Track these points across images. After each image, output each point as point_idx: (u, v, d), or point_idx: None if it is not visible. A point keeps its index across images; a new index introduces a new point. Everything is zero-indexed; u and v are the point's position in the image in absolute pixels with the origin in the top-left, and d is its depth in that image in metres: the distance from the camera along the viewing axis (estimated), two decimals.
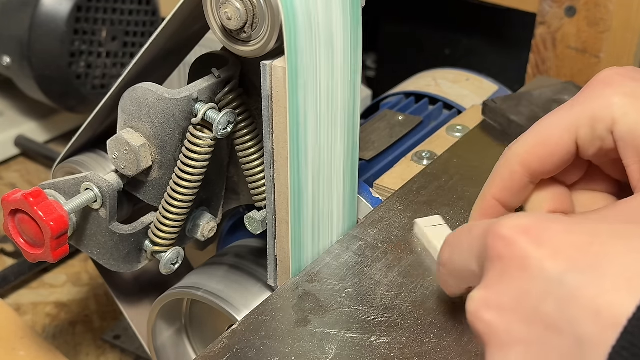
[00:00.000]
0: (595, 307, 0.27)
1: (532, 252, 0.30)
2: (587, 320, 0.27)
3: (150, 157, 0.50)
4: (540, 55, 0.82)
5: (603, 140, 0.38)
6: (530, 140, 0.41)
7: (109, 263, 0.54)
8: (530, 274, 0.30)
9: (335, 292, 0.45)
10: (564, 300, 0.28)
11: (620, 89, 0.38)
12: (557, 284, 0.28)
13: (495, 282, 0.31)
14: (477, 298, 0.32)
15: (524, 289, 0.30)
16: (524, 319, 0.29)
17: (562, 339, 0.28)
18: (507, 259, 0.31)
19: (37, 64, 0.94)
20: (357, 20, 0.47)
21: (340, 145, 0.49)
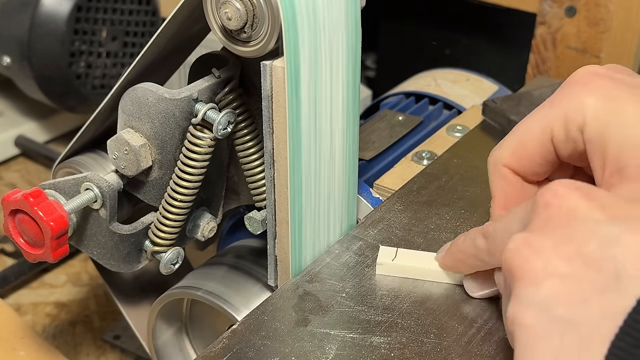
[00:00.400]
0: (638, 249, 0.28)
1: (581, 203, 0.31)
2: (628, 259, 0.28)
3: (150, 157, 0.50)
4: (540, 55, 0.82)
5: (576, 142, 0.38)
6: (511, 143, 0.41)
7: (109, 263, 0.54)
8: (576, 221, 0.31)
9: (335, 292, 0.45)
10: (607, 242, 0.29)
11: (594, 90, 0.38)
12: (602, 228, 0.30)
13: (539, 227, 0.32)
14: (519, 238, 0.32)
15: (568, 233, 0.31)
16: (564, 256, 0.30)
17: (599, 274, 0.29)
18: (555, 207, 0.32)
19: (37, 64, 0.94)
20: (357, 20, 0.47)
21: (340, 145, 0.49)
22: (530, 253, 0.31)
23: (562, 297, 0.29)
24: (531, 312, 0.30)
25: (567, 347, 0.28)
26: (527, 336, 0.30)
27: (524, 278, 0.31)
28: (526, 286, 0.31)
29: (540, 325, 0.30)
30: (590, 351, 0.27)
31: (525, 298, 0.31)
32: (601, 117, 0.37)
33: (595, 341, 0.27)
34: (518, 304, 0.31)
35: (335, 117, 0.48)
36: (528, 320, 0.30)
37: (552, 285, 0.30)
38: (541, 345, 0.29)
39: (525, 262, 0.31)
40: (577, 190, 0.32)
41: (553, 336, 0.29)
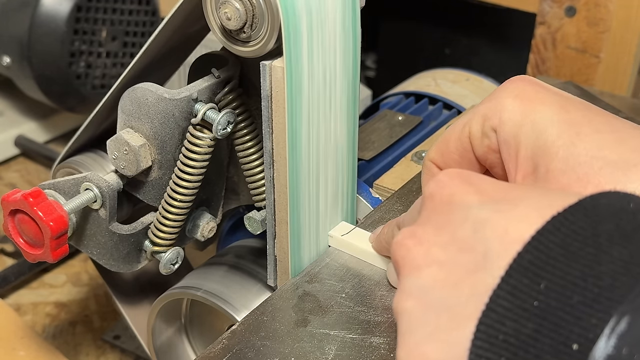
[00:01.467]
0: (504, 227, 0.29)
1: (459, 189, 0.32)
2: (494, 236, 0.29)
3: (150, 157, 0.50)
4: (540, 55, 0.82)
5: (490, 140, 0.40)
6: (438, 141, 0.43)
7: (108, 263, 0.54)
8: (454, 206, 0.32)
9: (335, 293, 0.45)
10: (478, 224, 0.30)
11: (514, 92, 0.39)
12: (475, 212, 0.31)
13: (425, 218, 0.33)
14: (405, 230, 0.33)
15: (446, 220, 0.32)
16: (442, 244, 0.31)
17: (470, 256, 0.30)
18: (437, 196, 0.33)
19: (37, 64, 0.94)
20: (356, 20, 0.47)
21: (339, 145, 0.49)
22: (414, 243, 0.32)
23: (438, 281, 0.30)
24: (411, 298, 0.31)
25: (441, 328, 0.29)
26: (405, 321, 0.31)
27: (406, 267, 0.32)
28: (408, 275, 0.32)
29: (418, 310, 0.30)
30: (461, 329, 0.28)
31: (406, 285, 0.32)
32: (516, 118, 0.38)
33: (464, 320, 0.28)
34: (401, 292, 0.32)
35: (335, 117, 0.48)
36: (408, 305, 0.31)
37: (431, 271, 0.31)
38: (418, 329, 0.30)
39: (408, 252, 0.32)
40: (457, 177, 0.33)
41: (429, 320, 0.30)
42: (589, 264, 0.26)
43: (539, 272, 0.27)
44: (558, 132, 0.37)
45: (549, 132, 0.37)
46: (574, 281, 0.26)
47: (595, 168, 0.36)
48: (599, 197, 0.29)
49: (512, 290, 0.27)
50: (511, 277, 0.27)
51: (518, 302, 0.27)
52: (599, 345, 0.25)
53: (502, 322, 0.27)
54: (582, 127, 0.37)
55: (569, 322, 0.26)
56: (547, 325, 0.26)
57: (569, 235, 0.27)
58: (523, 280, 0.27)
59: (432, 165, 0.44)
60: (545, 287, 0.27)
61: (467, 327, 0.28)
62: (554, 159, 0.37)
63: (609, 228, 0.27)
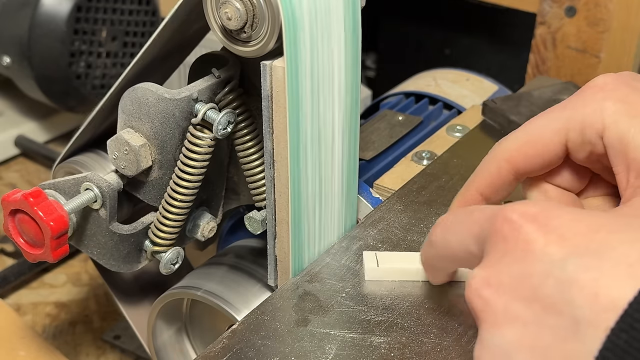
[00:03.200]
0: (594, 289, 0.27)
1: (537, 237, 0.30)
2: (585, 302, 0.27)
3: (150, 157, 0.50)
4: (540, 55, 0.82)
5: (593, 146, 0.38)
6: (520, 138, 0.41)
7: (109, 263, 0.54)
8: (533, 256, 0.30)
9: (335, 292, 0.45)
10: (563, 283, 0.28)
11: (613, 95, 0.38)
12: (558, 266, 0.29)
13: (497, 262, 0.32)
14: (478, 276, 0.32)
15: (525, 270, 0.30)
16: (523, 299, 0.30)
17: (559, 320, 0.28)
18: (512, 241, 0.31)
19: (37, 64, 0.94)
20: (357, 21, 0.47)
21: (340, 145, 0.49)
22: (491, 294, 0.31)
23: (524, 344, 0.29)
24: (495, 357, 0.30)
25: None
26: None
27: (487, 322, 0.31)
28: (488, 329, 0.31)
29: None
30: None
31: (488, 342, 0.30)
32: (621, 121, 0.37)
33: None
34: (481, 346, 0.31)
35: (335, 117, 0.48)
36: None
37: (514, 332, 0.30)
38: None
39: (486, 305, 0.31)
40: (532, 220, 0.31)
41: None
42: None
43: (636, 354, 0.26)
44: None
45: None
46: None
47: None
48: None
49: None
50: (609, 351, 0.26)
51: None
52: None
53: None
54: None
55: None
56: None
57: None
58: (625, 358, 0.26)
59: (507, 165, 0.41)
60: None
61: None
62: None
63: None
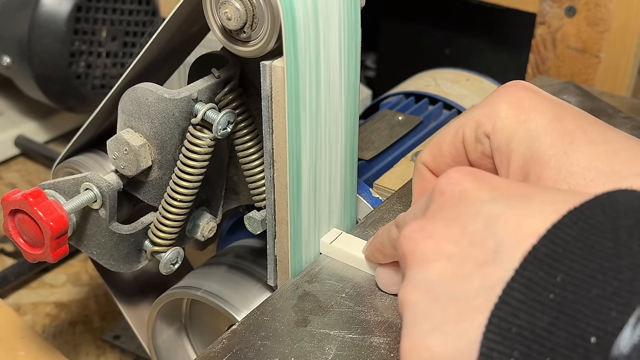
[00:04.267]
0: (516, 222, 0.29)
1: (472, 186, 0.32)
2: (507, 232, 0.29)
3: (150, 157, 0.50)
4: (540, 55, 0.82)
5: (484, 146, 0.40)
6: (431, 144, 0.43)
7: (108, 263, 0.54)
8: (465, 202, 0.32)
9: (335, 293, 0.45)
10: (490, 218, 0.30)
11: (508, 99, 0.39)
12: (487, 206, 0.31)
13: (434, 213, 0.33)
14: (413, 223, 0.33)
15: (457, 215, 0.31)
16: (452, 237, 0.31)
17: (481, 250, 0.29)
18: (448, 192, 0.33)
19: (37, 64, 0.94)
20: (356, 20, 0.47)
21: (340, 145, 0.49)
22: (422, 236, 0.32)
23: (447, 275, 0.30)
24: (418, 291, 0.31)
25: (447, 320, 0.29)
26: (411, 313, 0.31)
27: (415, 260, 0.32)
28: (416, 267, 0.32)
29: (425, 302, 0.30)
30: (469, 322, 0.28)
31: (414, 279, 0.31)
32: (509, 126, 0.38)
33: (473, 312, 0.28)
34: (407, 285, 0.32)
35: (335, 117, 0.48)
36: (414, 298, 0.31)
37: (440, 265, 0.31)
38: (423, 321, 0.30)
39: (417, 245, 0.32)
40: (469, 174, 0.33)
41: (435, 312, 0.30)
42: (608, 258, 0.26)
43: (555, 265, 0.27)
44: (551, 141, 0.37)
45: (541, 140, 0.37)
46: (592, 274, 0.26)
47: (587, 179, 0.36)
48: (616, 194, 0.29)
49: (527, 283, 0.27)
50: (526, 270, 0.27)
51: (533, 295, 0.27)
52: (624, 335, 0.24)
53: (515, 315, 0.27)
54: (576, 137, 0.37)
55: (586, 315, 0.25)
56: (564, 319, 0.26)
57: (586, 229, 0.27)
58: (538, 273, 0.27)
59: (425, 168, 0.43)
60: (562, 280, 0.26)
61: (476, 319, 0.28)
62: (545, 168, 0.37)
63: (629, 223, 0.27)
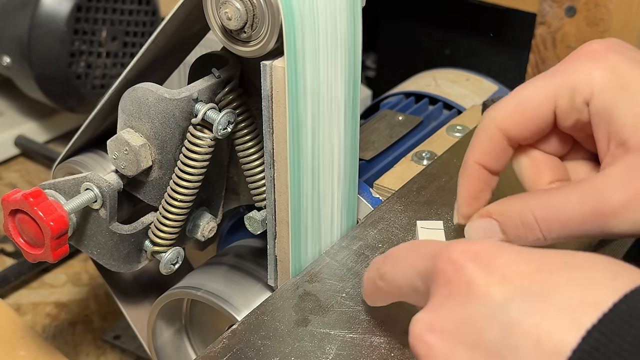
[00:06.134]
0: (536, 335, 0.27)
1: (480, 278, 0.30)
2: (528, 349, 0.27)
3: (150, 157, 0.50)
4: (540, 55, 0.82)
5: (580, 113, 0.39)
6: (509, 105, 0.41)
7: (109, 263, 0.54)
8: (475, 299, 0.29)
9: (335, 292, 0.45)
10: (506, 327, 0.28)
11: (603, 64, 0.38)
12: (501, 310, 0.28)
13: (440, 306, 0.31)
14: (421, 320, 0.31)
15: (469, 315, 0.29)
16: (467, 344, 0.29)
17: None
18: (454, 283, 0.30)
19: (37, 64, 0.94)
20: (357, 20, 0.47)
21: (340, 145, 0.49)
22: (435, 340, 0.30)
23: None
24: None
25: None
26: None
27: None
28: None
29: None
30: None
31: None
32: (608, 91, 0.37)
33: None
34: None
35: (335, 117, 0.48)
36: None
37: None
38: None
39: (429, 350, 0.30)
40: (474, 260, 0.30)
41: None
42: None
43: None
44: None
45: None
46: None
47: None
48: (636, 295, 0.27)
49: None
50: None
51: None
52: None
53: None
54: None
55: None
56: None
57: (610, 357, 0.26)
58: None
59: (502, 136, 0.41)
60: None
61: None
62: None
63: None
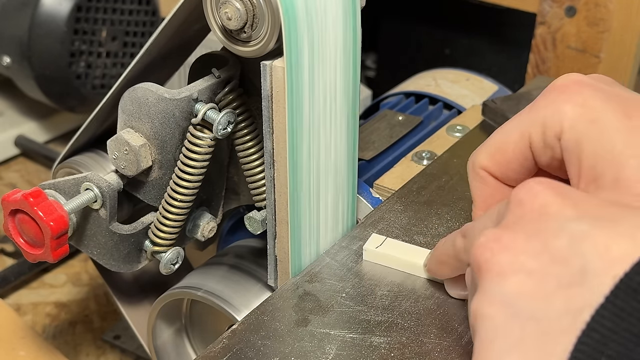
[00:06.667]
0: (605, 244, 0.28)
1: (554, 201, 0.31)
2: (595, 254, 0.28)
3: (150, 157, 0.50)
4: (540, 55, 0.82)
5: (553, 150, 0.38)
6: (489, 148, 0.41)
7: (109, 263, 0.54)
8: (547, 217, 0.30)
9: (335, 292, 0.45)
10: (576, 237, 0.29)
11: (573, 98, 0.38)
12: (572, 224, 0.29)
13: (512, 223, 0.32)
14: (490, 232, 0.32)
15: (538, 229, 0.30)
16: (532, 252, 0.30)
17: (565, 269, 0.28)
18: (528, 204, 0.32)
19: (37, 64, 0.94)
20: (356, 20, 0.47)
21: (340, 145, 0.49)
22: (499, 247, 0.31)
23: (527, 291, 0.29)
24: (494, 305, 0.30)
25: (526, 341, 0.28)
26: (486, 328, 0.30)
27: (491, 271, 0.31)
28: (492, 279, 0.30)
29: (502, 318, 0.29)
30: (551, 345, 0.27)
31: (489, 291, 0.30)
32: (578, 126, 0.37)
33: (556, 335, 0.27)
34: (482, 296, 0.31)
35: (335, 117, 0.48)
36: (490, 312, 0.30)
37: (518, 280, 0.29)
38: (500, 338, 0.29)
39: (493, 256, 0.31)
40: (551, 188, 0.32)
41: (513, 330, 0.29)
42: None
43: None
44: (624, 141, 0.36)
45: (615, 140, 0.36)
46: None
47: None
48: None
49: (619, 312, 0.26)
50: (618, 298, 0.26)
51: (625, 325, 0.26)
52: None
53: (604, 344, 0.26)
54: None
55: None
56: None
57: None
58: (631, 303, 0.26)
59: (487, 174, 0.42)
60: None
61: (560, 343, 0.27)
62: (625, 168, 0.35)
63: None
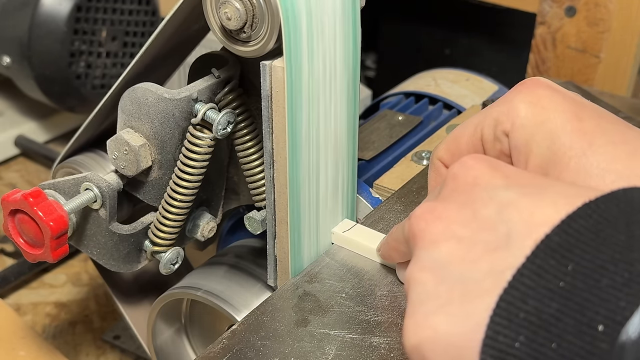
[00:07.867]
0: (529, 210, 0.29)
1: (485, 172, 0.32)
2: (519, 219, 0.29)
3: (150, 157, 0.50)
4: (540, 55, 0.82)
5: (502, 144, 0.39)
6: (447, 140, 0.43)
7: (108, 263, 0.54)
8: (478, 187, 0.32)
9: (335, 293, 0.45)
10: (503, 205, 0.30)
11: (528, 97, 0.38)
12: (500, 193, 0.31)
13: (446, 196, 0.33)
14: (424, 205, 0.33)
15: (469, 199, 0.32)
16: (462, 221, 0.31)
17: (492, 235, 0.30)
18: (461, 177, 0.33)
19: (37, 64, 0.94)
20: (356, 20, 0.47)
21: (340, 145, 0.49)
22: (433, 217, 0.32)
23: (456, 257, 0.30)
24: (425, 270, 0.31)
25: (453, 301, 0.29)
26: (418, 292, 0.31)
27: (424, 240, 0.32)
28: (425, 247, 0.32)
29: (432, 283, 0.31)
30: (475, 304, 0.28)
31: (422, 258, 0.32)
32: (527, 126, 0.38)
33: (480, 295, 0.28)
34: (415, 264, 0.32)
35: (335, 117, 0.48)
36: (422, 277, 0.31)
37: (449, 246, 0.31)
38: (429, 300, 0.30)
39: (426, 225, 0.32)
40: (483, 161, 0.33)
41: (442, 292, 0.30)
42: (620, 250, 0.26)
43: (567, 254, 0.27)
44: (570, 142, 0.37)
45: (561, 141, 0.37)
46: (603, 265, 0.26)
47: (607, 181, 0.36)
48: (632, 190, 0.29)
49: (537, 270, 0.27)
50: (537, 257, 0.27)
51: (542, 282, 0.27)
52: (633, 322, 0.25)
53: (523, 301, 0.27)
54: (595, 137, 0.37)
55: (595, 304, 0.26)
56: (572, 306, 0.26)
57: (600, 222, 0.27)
58: (549, 261, 0.27)
59: (440, 164, 0.43)
60: (573, 270, 0.27)
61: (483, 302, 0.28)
62: (565, 169, 0.36)
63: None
